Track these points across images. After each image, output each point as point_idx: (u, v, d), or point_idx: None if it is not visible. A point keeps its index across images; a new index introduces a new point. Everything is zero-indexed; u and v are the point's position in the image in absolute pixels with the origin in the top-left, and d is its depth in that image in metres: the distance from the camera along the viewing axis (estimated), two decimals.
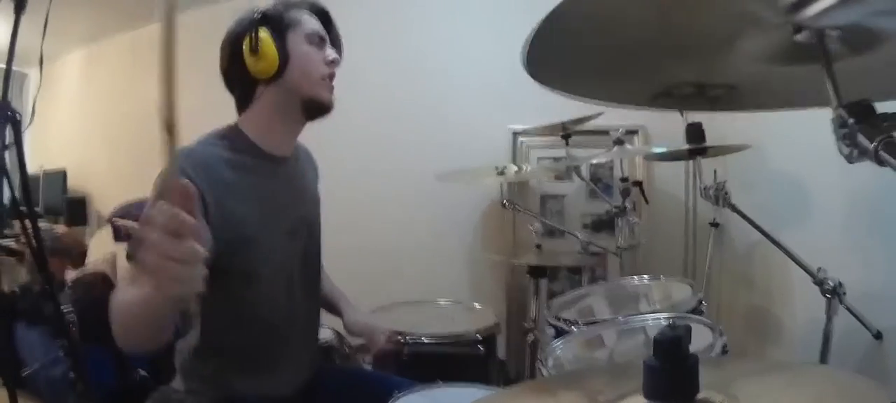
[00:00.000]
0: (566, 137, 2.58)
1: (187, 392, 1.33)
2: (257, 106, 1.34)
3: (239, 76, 1.33)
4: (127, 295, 0.97)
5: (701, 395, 0.67)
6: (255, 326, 1.33)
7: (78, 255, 3.66)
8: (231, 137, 1.33)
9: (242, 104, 1.36)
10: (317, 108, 1.37)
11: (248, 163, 1.31)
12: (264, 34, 1.27)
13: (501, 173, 2.46)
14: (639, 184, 2.77)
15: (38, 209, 4.20)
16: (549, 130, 2.73)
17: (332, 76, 1.38)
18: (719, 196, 1.65)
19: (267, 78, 1.31)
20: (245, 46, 1.28)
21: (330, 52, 1.38)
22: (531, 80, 0.66)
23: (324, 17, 1.42)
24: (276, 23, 1.31)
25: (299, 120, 1.39)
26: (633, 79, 0.81)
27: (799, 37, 0.58)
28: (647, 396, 0.68)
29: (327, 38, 1.40)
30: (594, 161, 2.89)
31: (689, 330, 0.66)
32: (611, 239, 2.79)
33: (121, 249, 3.53)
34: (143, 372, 2.65)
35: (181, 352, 1.37)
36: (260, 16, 1.30)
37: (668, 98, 0.86)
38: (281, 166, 1.38)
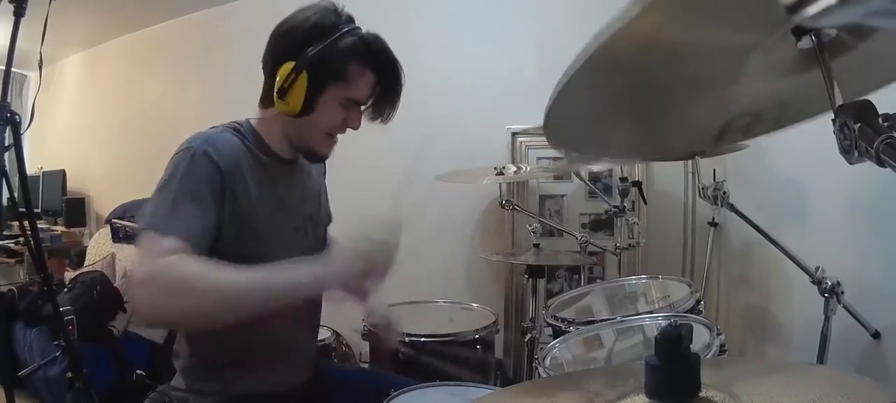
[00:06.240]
0: None
1: (189, 391, 1.33)
2: (270, 116, 1.31)
3: (267, 81, 1.28)
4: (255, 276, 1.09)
5: (701, 395, 0.67)
6: (260, 320, 1.33)
7: (76, 255, 3.66)
8: (244, 132, 1.31)
9: (263, 101, 1.32)
10: (310, 157, 1.37)
11: (260, 159, 1.30)
12: (301, 82, 1.19)
13: (500, 173, 2.46)
14: (638, 184, 2.78)
15: (37, 210, 4.20)
16: None
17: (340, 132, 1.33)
18: (718, 195, 1.65)
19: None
20: (278, 78, 1.20)
21: (354, 121, 1.32)
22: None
23: (387, 73, 1.33)
24: (326, 70, 1.21)
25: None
26: (660, 131, 0.81)
27: (800, 44, 0.59)
28: (648, 394, 0.68)
29: (367, 101, 1.33)
30: None
31: (690, 328, 0.66)
32: (609, 238, 2.80)
33: (119, 249, 3.53)
34: (140, 372, 2.65)
35: (182, 351, 1.36)
36: (315, 57, 1.19)
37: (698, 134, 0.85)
38: (288, 165, 1.37)
